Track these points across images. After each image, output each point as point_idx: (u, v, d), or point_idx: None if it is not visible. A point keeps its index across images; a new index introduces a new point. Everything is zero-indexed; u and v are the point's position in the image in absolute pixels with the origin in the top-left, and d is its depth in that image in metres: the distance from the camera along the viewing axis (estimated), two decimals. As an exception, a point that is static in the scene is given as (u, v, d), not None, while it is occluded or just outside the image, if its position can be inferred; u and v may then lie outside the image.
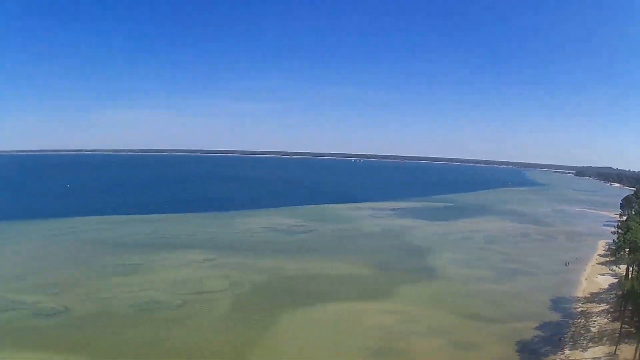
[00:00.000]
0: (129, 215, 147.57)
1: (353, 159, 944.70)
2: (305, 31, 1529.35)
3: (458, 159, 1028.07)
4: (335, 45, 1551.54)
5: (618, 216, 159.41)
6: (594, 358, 53.31)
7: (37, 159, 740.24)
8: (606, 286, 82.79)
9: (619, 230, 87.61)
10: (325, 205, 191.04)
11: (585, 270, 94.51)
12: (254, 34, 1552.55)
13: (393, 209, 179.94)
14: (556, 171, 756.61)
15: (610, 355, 53.34)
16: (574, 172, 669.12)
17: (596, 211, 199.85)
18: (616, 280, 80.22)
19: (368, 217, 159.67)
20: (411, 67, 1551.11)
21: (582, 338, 59.40)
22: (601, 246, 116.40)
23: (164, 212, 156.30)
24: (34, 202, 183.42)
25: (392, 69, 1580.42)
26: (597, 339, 58.43)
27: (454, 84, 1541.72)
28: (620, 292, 62.38)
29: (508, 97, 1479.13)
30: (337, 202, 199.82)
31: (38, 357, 51.39)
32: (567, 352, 55.24)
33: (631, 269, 71.68)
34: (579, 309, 70.85)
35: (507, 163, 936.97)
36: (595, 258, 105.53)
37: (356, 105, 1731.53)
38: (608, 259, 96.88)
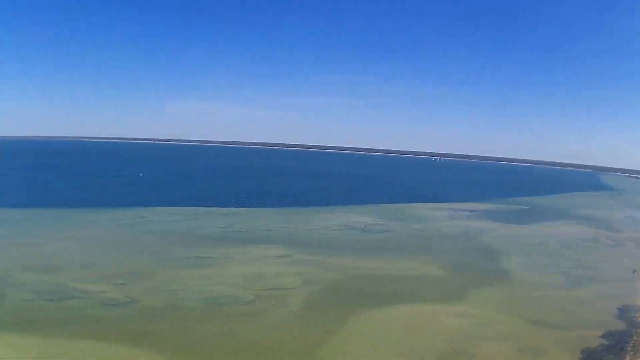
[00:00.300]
0: (204, 208, 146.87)
1: (433, 158, 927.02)
2: (394, 28, 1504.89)
3: (535, 160, 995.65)
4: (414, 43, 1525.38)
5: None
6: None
7: (114, 146, 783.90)
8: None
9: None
10: (405, 204, 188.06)
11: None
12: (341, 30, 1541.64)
13: (470, 210, 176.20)
14: (633, 176, 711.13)
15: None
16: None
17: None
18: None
19: (445, 217, 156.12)
20: (491, 67, 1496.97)
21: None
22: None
23: (240, 206, 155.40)
24: (106, 191, 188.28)
25: (470, 68, 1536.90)
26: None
27: (534, 85, 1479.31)
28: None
29: (590, 98, 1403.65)
30: (416, 202, 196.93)
31: (98, 348, 50.49)
32: (627, 360, 53.58)
33: None
34: (644, 318, 69.73)
35: (583, 166, 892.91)
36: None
37: (438, 104, 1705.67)
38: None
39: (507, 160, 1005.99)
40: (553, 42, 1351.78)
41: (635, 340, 60.59)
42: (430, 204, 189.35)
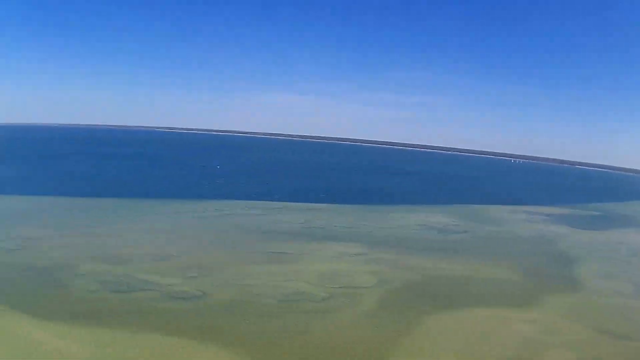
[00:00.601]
0: (282, 202, 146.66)
1: (512, 159, 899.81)
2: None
3: (610, 166, 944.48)
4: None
5: None
6: None
7: (194, 137, 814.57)
8: None
9: None
10: (483, 205, 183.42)
11: None
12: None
13: (546, 214, 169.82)
14: None
15: None
16: None
17: None
18: None
19: (522, 221, 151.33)
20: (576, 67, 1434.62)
21: None
22: None
23: (319, 202, 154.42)
24: (183, 182, 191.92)
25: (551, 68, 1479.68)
26: None
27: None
28: None
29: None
30: (494, 203, 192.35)
31: (164, 342, 50.32)
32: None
33: None
34: None
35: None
36: None
37: (524, 105, 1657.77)
38: None
39: (583, 164, 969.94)
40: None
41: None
42: (507, 207, 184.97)
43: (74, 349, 48.86)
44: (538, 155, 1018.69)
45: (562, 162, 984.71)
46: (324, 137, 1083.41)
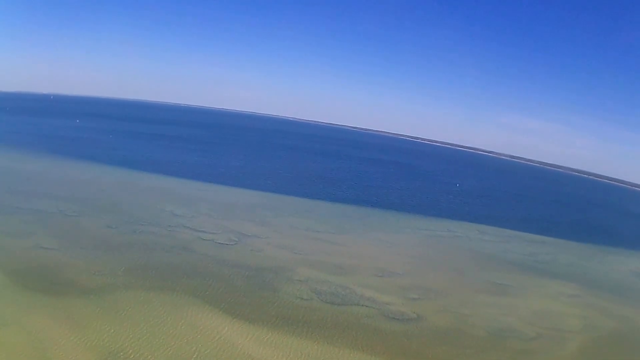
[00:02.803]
0: (512, 230, 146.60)
1: None
2: None
3: None
4: None
5: None
6: None
7: (441, 150, 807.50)
8: None
9: None
10: None
11: None
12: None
13: None
14: None
15: None
16: None
17: None
18: None
19: None
20: None
21: None
22: None
23: (548, 235, 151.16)
24: (422, 197, 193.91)
25: None
26: None
27: None
28: None
29: None
30: None
31: None
32: None
33: None
34: None
35: None
36: None
37: None
38: None
39: None
40: None
41: None
42: None
43: (266, 356, 50.47)
44: None
45: None
46: (560, 166, 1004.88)
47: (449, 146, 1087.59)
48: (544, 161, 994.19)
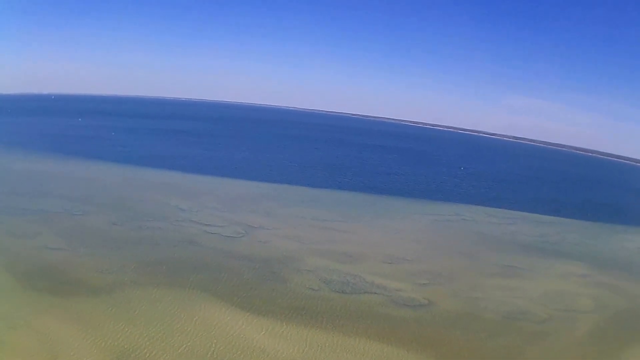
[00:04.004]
0: (519, 212, 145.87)
1: None
2: None
3: None
4: None
5: None
6: None
7: (446, 135, 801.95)
8: None
9: None
10: None
11: None
12: None
13: None
14: None
15: None
16: None
17: None
18: None
19: None
20: None
21: None
22: None
23: (556, 215, 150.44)
24: (429, 181, 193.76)
25: None
26: None
27: None
28: None
29: None
30: None
31: (379, 350, 52.64)
32: None
33: None
34: None
35: None
36: None
37: None
38: None
39: None
40: None
41: None
42: None
43: (279, 349, 50.42)
44: None
45: None
46: (564, 145, 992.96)
47: (453, 130, 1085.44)
48: (548, 141, 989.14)
